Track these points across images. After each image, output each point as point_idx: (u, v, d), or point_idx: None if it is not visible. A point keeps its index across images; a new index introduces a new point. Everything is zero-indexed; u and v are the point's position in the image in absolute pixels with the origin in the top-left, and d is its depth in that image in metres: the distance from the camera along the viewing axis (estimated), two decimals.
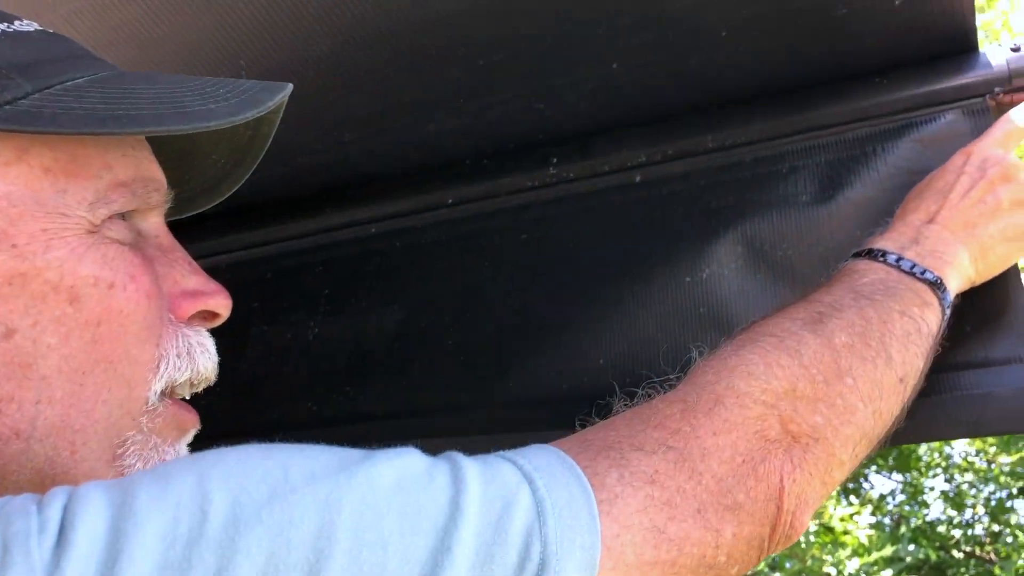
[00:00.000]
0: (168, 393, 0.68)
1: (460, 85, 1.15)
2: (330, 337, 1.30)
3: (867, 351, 0.77)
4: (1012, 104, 0.99)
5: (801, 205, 1.05)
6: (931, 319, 0.82)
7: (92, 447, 0.62)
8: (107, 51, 1.12)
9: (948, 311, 0.84)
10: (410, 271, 1.29)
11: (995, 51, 1.04)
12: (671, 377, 0.80)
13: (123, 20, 1.07)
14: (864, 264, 0.87)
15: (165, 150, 0.81)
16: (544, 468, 0.59)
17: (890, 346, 0.78)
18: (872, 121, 1.06)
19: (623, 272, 1.12)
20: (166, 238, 0.73)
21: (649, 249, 1.12)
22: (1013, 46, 1.02)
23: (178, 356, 0.67)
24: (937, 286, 0.83)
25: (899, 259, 0.85)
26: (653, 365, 1.03)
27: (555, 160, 1.22)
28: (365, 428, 1.20)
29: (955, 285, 0.86)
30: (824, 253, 1.02)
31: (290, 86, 0.71)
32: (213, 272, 1.45)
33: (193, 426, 0.72)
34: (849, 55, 1.06)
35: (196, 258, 1.47)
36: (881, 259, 0.86)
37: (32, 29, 0.68)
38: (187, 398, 0.72)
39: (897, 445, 1.01)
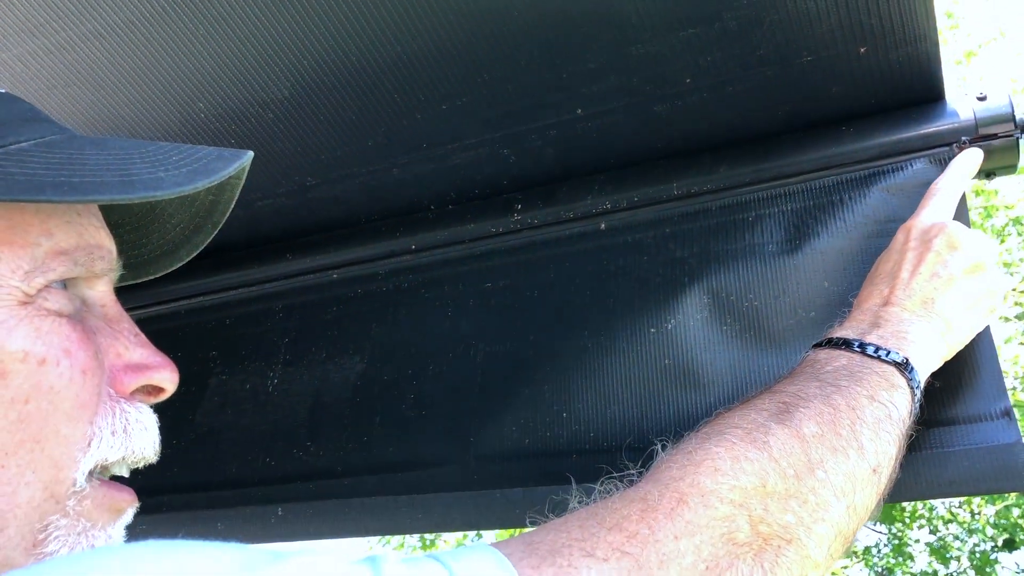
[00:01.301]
0: (98, 472, 0.63)
1: (423, 130, 1.13)
2: (290, 388, 1.26)
3: (838, 441, 0.72)
4: None
5: (768, 255, 1.03)
6: (901, 402, 0.78)
7: (10, 533, 0.57)
8: (63, 92, 1.10)
9: (918, 393, 0.80)
10: (372, 319, 1.25)
11: (962, 100, 1.03)
12: (632, 472, 0.76)
13: (79, 61, 1.04)
14: (825, 353, 0.83)
15: (124, 212, 0.78)
16: None
17: (861, 435, 0.73)
18: (839, 170, 1.05)
19: (587, 321, 1.09)
20: (112, 307, 0.69)
21: (614, 298, 1.09)
22: (980, 95, 1.02)
23: (112, 434, 0.62)
24: (904, 367, 0.79)
25: (861, 344, 0.81)
26: (616, 420, 1.00)
27: (519, 206, 1.20)
28: (324, 485, 1.16)
29: (924, 365, 0.82)
30: (791, 303, 0.99)
31: (249, 155, 0.68)
32: (173, 317, 1.44)
33: (129, 505, 0.67)
34: (815, 103, 1.05)
35: (156, 304, 1.45)
36: (843, 347, 0.82)
37: None
38: (125, 475, 0.67)
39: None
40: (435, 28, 0.96)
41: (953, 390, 0.88)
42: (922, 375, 0.81)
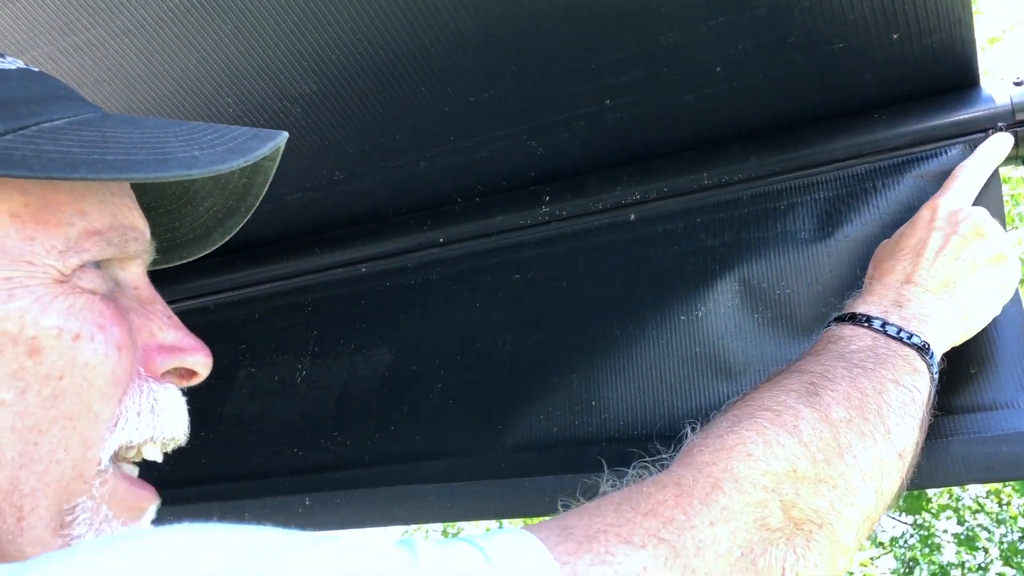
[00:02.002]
0: (121, 456, 0.63)
1: (450, 123, 1.13)
2: (318, 380, 1.26)
3: (866, 425, 0.72)
4: None
5: (799, 243, 1.02)
6: (922, 386, 0.78)
7: (41, 513, 0.57)
8: (94, 88, 1.10)
9: (936, 377, 0.80)
10: (400, 312, 1.26)
11: (997, 85, 1.01)
12: (664, 456, 0.76)
13: (110, 58, 1.05)
14: (849, 330, 0.82)
15: (157, 195, 0.78)
16: (515, 561, 0.53)
17: (888, 419, 0.73)
18: (872, 157, 1.04)
19: (617, 312, 1.08)
20: (145, 289, 0.68)
21: (643, 288, 1.08)
22: (1016, 80, 1.00)
23: (138, 414, 0.62)
24: (924, 351, 0.79)
25: (884, 324, 0.81)
26: (646, 408, 1.00)
27: (547, 198, 1.19)
28: (352, 475, 1.16)
29: (940, 349, 0.82)
30: (824, 292, 0.98)
31: (284, 135, 0.67)
32: (202, 312, 1.44)
33: (151, 503, 0.66)
34: (847, 90, 1.04)
35: (185, 299, 1.46)
36: (866, 324, 0.82)
37: (14, 68, 0.65)
38: (158, 459, 0.66)
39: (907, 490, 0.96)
40: (461, 20, 0.96)
41: (988, 376, 0.87)
42: (938, 358, 0.81)
